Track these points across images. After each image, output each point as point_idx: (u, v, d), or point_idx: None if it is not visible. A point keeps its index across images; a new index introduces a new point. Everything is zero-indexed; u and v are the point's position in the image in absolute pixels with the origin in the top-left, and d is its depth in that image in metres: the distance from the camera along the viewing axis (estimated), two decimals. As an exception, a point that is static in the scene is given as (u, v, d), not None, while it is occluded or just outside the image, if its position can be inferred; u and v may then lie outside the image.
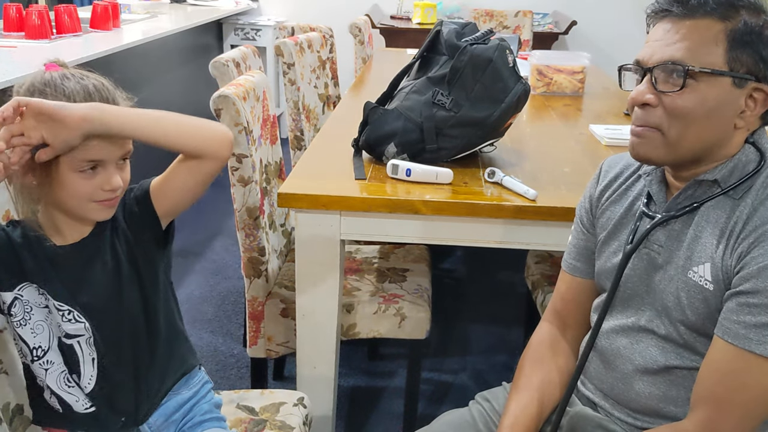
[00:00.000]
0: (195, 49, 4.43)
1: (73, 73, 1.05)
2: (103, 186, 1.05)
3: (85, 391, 1.14)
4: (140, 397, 1.17)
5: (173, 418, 1.22)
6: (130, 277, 1.14)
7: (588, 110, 2.58)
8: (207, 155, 1.10)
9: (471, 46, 1.73)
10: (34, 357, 1.12)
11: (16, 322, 1.11)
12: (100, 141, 1.02)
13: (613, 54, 4.29)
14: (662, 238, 1.10)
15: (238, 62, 2.28)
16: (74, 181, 1.04)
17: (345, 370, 2.39)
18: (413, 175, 1.65)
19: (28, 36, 2.89)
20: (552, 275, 2.03)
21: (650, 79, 1.04)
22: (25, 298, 1.11)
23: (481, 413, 1.30)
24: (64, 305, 1.10)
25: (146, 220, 1.15)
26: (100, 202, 1.07)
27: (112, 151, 1.05)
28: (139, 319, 1.15)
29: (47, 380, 1.14)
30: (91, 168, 1.04)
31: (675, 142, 1.04)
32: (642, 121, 1.06)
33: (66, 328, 1.11)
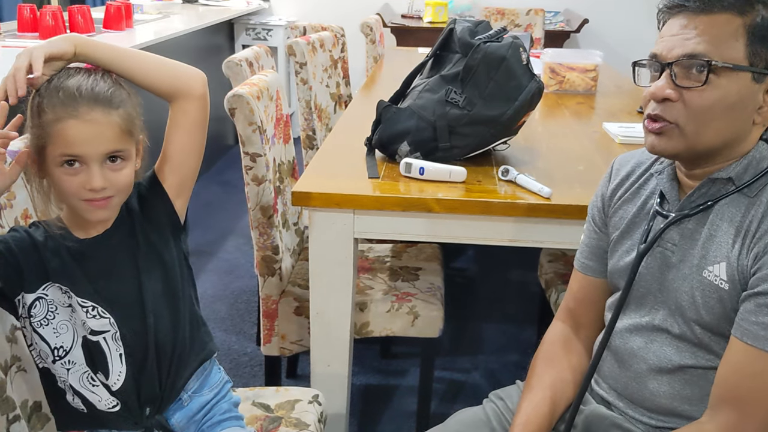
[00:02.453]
0: (207, 49, 4.45)
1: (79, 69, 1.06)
2: (85, 185, 1.04)
3: (113, 388, 1.13)
4: (164, 385, 1.17)
5: (195, 418, 1.22)
6: (152, 265, 1.15)
7: (601, 108, 2.57)
8: (182, 91, 1.12)
9: (484, 44, 1.72)
10: (55, 357, 1.12)
11: (37, 323, 1.11)
12: (83, 132, 1.02)
13: (625, 52, 4.27)
14: (676, 237, 1.10)
15: (251, 62, 2.29)
16: (59, 177, 1.04)
17: (358, 369, 2.39)
18: (426, 173, 1.65)
19: (42, 36, 2.91)
20: (565, 274, 2.02)
21: (669, 74, 1.03)
22: (50, 298, 1.11)
23: (495, 411, 1.30)
24: (87, 302, 1.11)
25: (160, 205, 1.16)
26: (88, 201, 1.06)
27: (93, 147, 1.03)
28: (162, 306, 1.15)
29: (70, 380, 1.13)
30: (68, 163, 1.03)
31: (693, 137, 1.03)
32: (659, 116, 1.04)
33: (91, 324, 1.11)
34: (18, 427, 1.14)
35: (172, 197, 1.17)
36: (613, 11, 4.87)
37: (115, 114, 1.04)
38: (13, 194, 1.17)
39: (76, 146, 1.02)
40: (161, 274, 1.16)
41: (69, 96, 1.02)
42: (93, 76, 1.05)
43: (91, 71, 1.07)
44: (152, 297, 1.14)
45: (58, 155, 1.03)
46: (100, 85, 1.04)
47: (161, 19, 4.00)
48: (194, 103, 1.14)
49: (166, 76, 1.12)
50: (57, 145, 1.02)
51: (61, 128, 1.01)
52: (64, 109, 1.01)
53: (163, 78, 1.12)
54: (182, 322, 1.19)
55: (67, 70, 1.06)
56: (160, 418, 1.18)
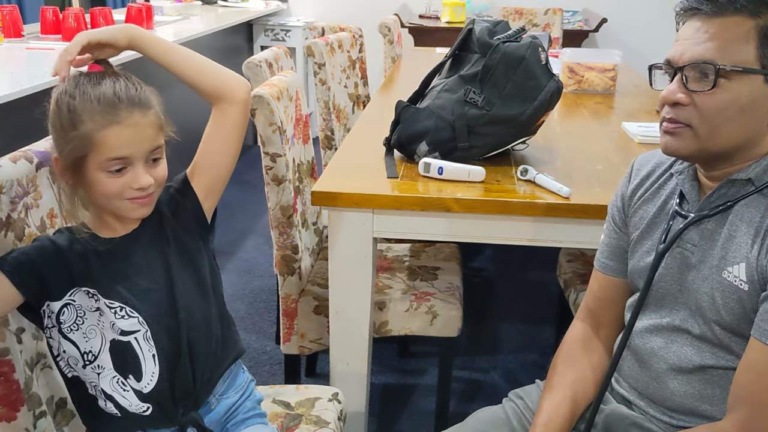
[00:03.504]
0: (226, 50, 4.48)
1: (105, 73, 1.08)
2: (132, 185, 1.07)
3: (145, 391, 1.13)
4: (198, 382, 1.18)
5: (221, 420, 1.23)
6: (182, 262, 1.17)
7: (620, 108, 2.56)
8: (225, 94, 1.16)
9: (503, 44, 1.73)
10: (85, 362, 1.12)
11: (67, 328, 1.11)
12: (128, 135, 1.04)
13: (644, 51, 4.25)
14: (696, 238, 1.10)
15: (270, 63, 2.30)
16: (102, 181, 1.06)
17: (376, 368, 2.40)
18: (445, 173, 1.66)
19: (65, 38, 2.95)
20: (584, 273, 2.02)
21: (681, 79, 1.04)
22: (77, 303, 1.12)
23: (514, 411, 1.31)
24: (114, 302, 1.11)
25: (189, 205, 1.18)
26: (132, 200, 1.09)
27: (138, 148, 1.06)
28: (193, 302, 1.16)
29: (101, 384, 1.13)
30: (117, 169, 1.06)
31: (706, 138, 1.04)
32: (673, 118, 1.06)
33: (120, 325, 1.11)
34: (44, 423, 1.16)
35: (201, 198, 1.19)
36: (632, 10, 4.85)
37: (151, 114, 1.08)
38: (40, 194, 1.19)
39: (123, 149, 1.05)
40: (191, 272, 1.18)
41: (108, 103, 1.04)
42: (121, 81, 1.07)
43: (115, 75, 1.08)
44: (183, 293, 1.15)
45: (103, 161, 1.05)
46: (131, 89, 1.07)
47: (181, 20, 4.03)
48: (235, 107, 1.17)
49: (212, 77, 1.16)
50: (101, 152, 1.04)
51: (104, 135, 1.03)
52: (105, 117, 1.03)
53: (209, 78, 1.16)
54: (213, 320, 1.20)
55: (89, 77, 1.07)
56: (195, 415, 1.19)
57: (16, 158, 1.14)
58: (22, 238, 1.15)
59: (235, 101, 1.17)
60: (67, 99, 1.05)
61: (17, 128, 2.28)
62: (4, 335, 1.10)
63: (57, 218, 1.24)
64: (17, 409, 1.12)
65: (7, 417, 1.12)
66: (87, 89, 1.05)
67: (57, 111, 1.06)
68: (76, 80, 1.07)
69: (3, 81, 2.27)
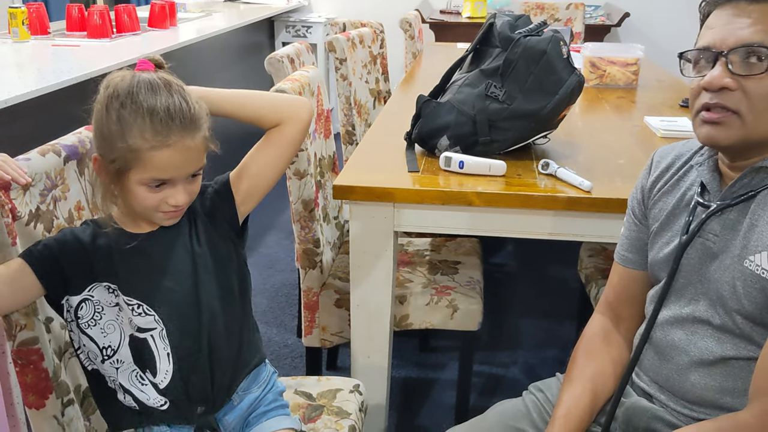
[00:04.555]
0: (248, 47, 4.51)
1: (159, 82, 1.05)
2: (168, 200, 1.07)
3: (160, 386, 1.13)
4: (216, 386, 1.17)
5: (243, 414, 1.23)
6: (210, 264, 1.16)
7: (642, 102, 2.55)
8: (286, 119, 1.16)
9: (525, 38, 1.73)
10: (104, 356, 1.13)
11: (84, 324, 1.12)
12: (177, 160, 1.03)
13: (667, 46, 4.20)
14: (717, 228, 1.09)
15: (292, 58, 2.32)
16: (140, 192, 1.06)
17: (397, 362, 2.41)
18: (466, 167, 1.66)
19: (90, 35, 2.99)
20: (605, 268, 2.01)
21: (725, 63, 1.02)
22: (96, 299, 1.12)
23: (534, 403, 1.31)
24: (133, 300, 1.11)
25: (225, 207, 1.18)
26: (165, 213, 1.09)
27: (183, 171, 1.06)
28: (217, 306, 1.16)
29: (119, 378, 1.13)
30: (157, 185, 1.06)
31: (752, 126, 1.02)
32: (719, 105, 1.03)
33: (137, 322, 1.11)
34: (72, 410, 1.19)
35: (238, 203, 1.18)
36: (655, 5, 4.80)
37: (199, 135, 1.06)
38: (67, 187, 1.22)
39: (167, 172, 1.04)
40: (219, 275, 1.17)
41: (160, 122, 1.01)
42: (176, 97, 1.04)
43: (167, 85, 1.05)
44: (208, 296, 1.15)
45: (146, 178, 1.04)
46: (185, 107, 1.04)
47: (204, 17, 4.07)
48: (295, 126, 1.18)
49: (269, 111, 1.17)
50: (146, 170, 1.03)
51: (153, 156, 1.02)
52: (156, 137, 1.02)
53: (266, 114, 1.17)
54: (238, 326, 1.20)
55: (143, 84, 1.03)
56: (211, 418, 1.19)
57: (44, 152, 1.17)
58: (51, 229, 1.17)
59: (296, 121, 1.17)
60: (118, 106, 1.03)
61: (45, 123, 2.32)
62: (33, 324, 1.13)
63: (84, 210, 1.26)
64: (46, 397, 1.15)
65: (36, 404, 1.14)
66: (139, 99, 1.02)
67: (105, 114, 1.04)
68: (130, 84, 1.03)
69: (30, 77, 2.31)
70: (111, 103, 1.03)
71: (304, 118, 1.18)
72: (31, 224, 1.13)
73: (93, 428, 1.25)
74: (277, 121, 1.17)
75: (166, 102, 1.03)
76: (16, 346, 1.12)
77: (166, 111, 1.02)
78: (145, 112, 1.02)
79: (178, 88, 1.07)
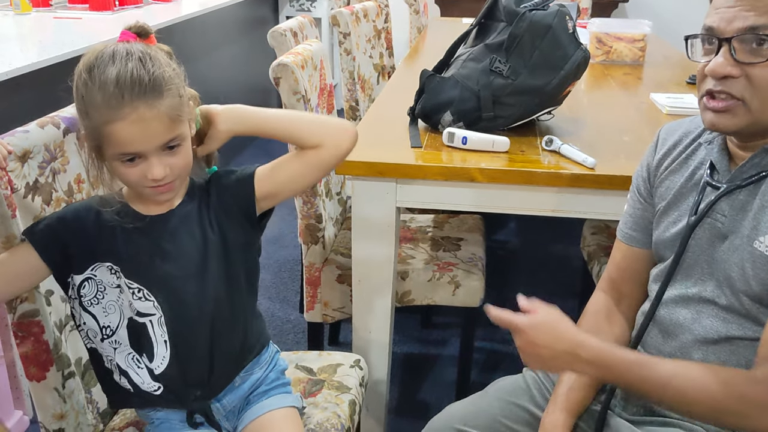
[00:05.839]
0: (251, 21, 4.47)
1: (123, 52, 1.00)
2: (147, 175, 1.02)
3: (155, 371, 1.12)
4: (215, 372, 1.16)
5: (245, 394, 1.23)
6: (218, 252, 1.13)
7: (649, 79, 2.52)
8: (326, 144, 1.12)
9: (530, 12, 1.70)
10: (103, 335, 1.12)
11: (87, 302, 1.11)
12: (134, 132, 0.98)
13: (675, 22, 4.14)
14: (726, 208, 1.08)
15: (295, 32, 2.29)
16: (119, 168, 1.03)
17: (398, 338, 2.42)
18: (469, 143, 1.65)
19: (92, 8, 2.97)
20: (608, 246, 2.00)
21: (729, 50, 1.00)
22: (98, 278, 1.11)
23: (534, 380, 1.31)
24: (134, 283, 1.10)
25: (242, 199, 1.14)
26: (151, 188, 1.05)
27: (146, 144, 1.00)
28: (222, 295, 1.13)
29: (116, 359, 1.13)
30: (130, 159, 1.02)
31: (758, 113, 1.00)
32: (723, 92, 1.01)
33: (137, 306, 1.10)
34: (73, 383, 1.19)
35: (258, 198, 1.14)
36: (664, -20, 4.73)
37: (161, 104, 0.99)
38: (67, 159, 1.21)
39: (129, 146, 1.00)
40: (228, 262, 1.14)
41: (111, 95, 0.97)
42: (131, 63, 0.98)
43: (128, 53, 1.00)
44: (214, 284, 1.13)
45: (114, 154, 1.01)
46: (141, 73, 0.98)
47: (207, -10, 4.02)
48: (332, 153, 1.13)
49: (310, 134, 1.13)
50: (111, 145, 1.00)
51: (110, 131, 0.98)
52: (108, 112, 0.97)
53: (307, 137, 1.13)
54: (243, 314, 1.19)
55: (105, 55, 0.99)
56: (204, 404, 1.18)
57: (43, 124, 1.16)
58: (50, 202, 1.17)
59: (333, 149, 1.13)
60: (81, 83, 1.00)
61: (46, 96, 2.31)
62: (34, 297, 1.13)
63: (84, 183, 1.26)
64: (47, 369, 1.15)
65: (37, 376, 1.15)
66: (95, 74, 0.98)
67: (75, 93, 1.02)
68: (91, 61, 1.00)
69: (32, 49, 2.30)
70: (78, 80, 1.01)
71: (345, 148, 1.14)
72: (29, 196, 1.13)
73: (94, 400, 1.26)
74: (317, 144, 1.12)
75: (117, 72, 0.97)
76: (17, 319, 1.12)
77: (115, 82, 0.97)
78: (98, 87, 0.97)
79: (141, 55, 1.00)
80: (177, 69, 1.05)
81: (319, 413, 1.32)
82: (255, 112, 1.14)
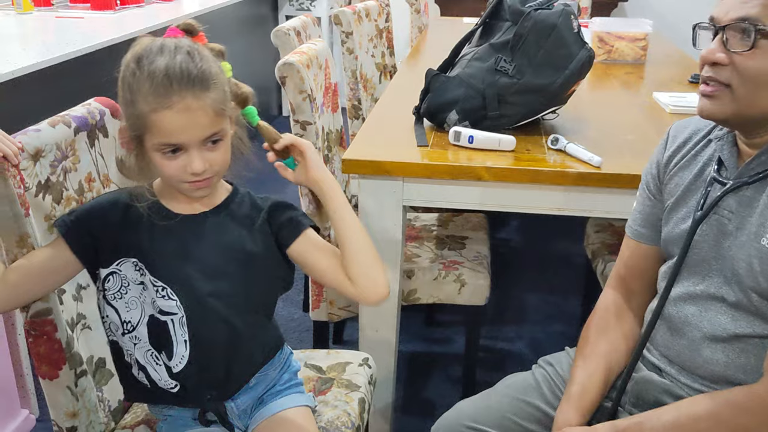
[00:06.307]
0: (251, 20, 4.47)
1: (171, 45, 1.02)
2: (186, 168, 1.03)
3: (174, 370, 1.12)
4: (232, 374, 1.17)
5: (259, 394, 1.23)
6: (245, 262, 1.13)
7: (651, 78, 2.53)
8: (359, 284, 1.11)
9: (535, 11, 1.71)
10: (125, 330, 1.13)
11: (111, 296, 1.12)
12: (179, 121, 1.00)
13: (675, 21, 4.16)
14: (733, 205, 1.09)
15: (299, 31, 2.30)
16: (159, 160, 1.03)
17: (403, 336, 2.42)
18: (475, 142, 1.65)
19: (93, 7, 2.97)
20: (612, 244, 2.02)
21: (722, 38, 1.03)
22: (123, 273, 1.11)
23: (544, 377, 1.31)
24: (158, 281, 1.10)
25: (280, 240, 1.15)
26: (189, 183, 1.05)
27: (190, 135, 1.01)
28: (243, 300, 1.14)
29: (136, 354, 1.13)
30: (171, 151, 1.02)
31: (744, 101, 1.02)
32: (712, 78, 1.05)
33: (160, 304, 1.10)
34: (85, 381, 1.20)
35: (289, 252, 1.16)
36: (663, -21, 4.74)
37: (207, 97, 1.01)
38: (78, 158, 1.21)
39: (174, 136, 1.01)
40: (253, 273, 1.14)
41: (159, 84, 0.99)
42: (180, 56, 1.01)
43: (177, 47, 1.02)
44: (236, 290, 1.13)
45: (156, 144, 1.02)
46: (189, 66, 1.00)
47: (207, -11, 4.02)
48: (354, 293, 1.13)
49: (357, 264, 1.11)
50: (154, 134, 1.01)
51: (156, 119, 0.99)
52: (156, 100, 0.99)
53: (353, 264, 1.11)
54: (261, 320, 1.20)
55: (153, 48, 1.02)
56: (220, 405, 1.18)
57: (54, 123, 1.17)
58: (60, 201, 1.17)
59: (359, 293, 1.13)
60: (129, 73, 1.01)
61: (49, 95, 2.31)
62: (48, 296, 1.13)
63: (95, 182, 1.26)
64: (59, 368, 1.15)
65: (50, 375, 1.15)
66: (144, 65, 1.00)
67: (121, 83, 1.03)
68: (140, 53, 1.02)
69: (36, 49, 2.30)
70: (125, 70, 1.03)
71: (366, 301, 1.14)
72: (41, 195, 1.13)
73: (105, 398, 1.26)
74: (352, 276, 1.12)
75: (166, 63, 0.99)
76: (30, 317, 1.12)
77: (164, 72, 0.99)
78: (147, 76, 0.99)
79: (189, 49, 1.02)
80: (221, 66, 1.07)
81: (329, 411, 1.33)
82: (337, 194, 1.15)
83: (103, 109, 1.29)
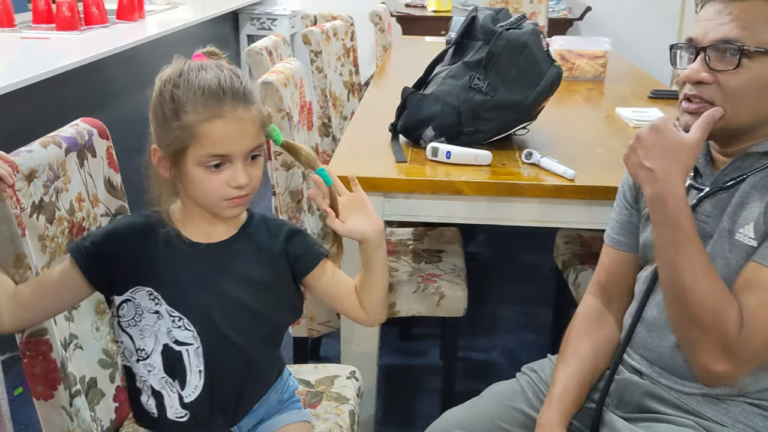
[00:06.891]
0: (213, 39, 4.41)
1: (210, 64, 1.05)
2: (230, 182, 1.03)
3: (185, 399, 1.12)
4: (242, 403, 1.18)
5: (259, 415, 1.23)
6: (264, 292, 1.14)
7: (611, 94, 2.62)
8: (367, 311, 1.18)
9: (507, 30, 1.77)
10: (139, 357, 1.12)
11: (125, 323, 1.11)
12: (231, 130, 1.01)
13: (628, 39, 4.31)
14: (710, 209, 1.15)
15: (270, 51, 2.33)
16: (200, 176, 1.03)
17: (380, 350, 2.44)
18: (453, 157, 1.70)
19: (59, 27, 2.94)
20: (582, 254, 2.08)
21: (704, 58, 1.09)
22: (137, 301, 1.10)
23: (529, 383, 1.35)
24: (175, 311, 1.09)
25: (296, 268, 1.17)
26: (230, 200, 1.05)
27: (239, 145, 1.03)
28: (260, 331, 1.15)
29: (150, 380, 1.13)
30: (213, 163, 1.02)
31: (729, 116, 1.09)
32: (697, 96, 1.11)
33: (176, 334, 1.10)
34: (80, 401, 1.19)
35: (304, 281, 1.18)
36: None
37: (253, 109, 1.04)
38: (69, 178, 1.22)
39: (224, 145, 1.02)
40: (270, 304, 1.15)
41: (212, 95, 1.01)
42: (226, 72, 1.04)
43: (218, 65, 1.05)
44: (254, 322, 1.14)
45: (203, 156, 1.02)
46: (236, 81, 1.03)
47: (170, 9, 4.02)
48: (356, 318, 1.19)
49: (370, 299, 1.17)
50: (202, 145, 1.01)
51: (206, 129, 1.01)
52: (207, 109, 1.01)
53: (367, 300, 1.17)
54: (275, 350, 1.22)
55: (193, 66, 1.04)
56: (225, 430, 1.18)
57: (45, 143, 1.17)
58: (53, 221, 1.17)
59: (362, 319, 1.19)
60: (171, 87, 1.02)
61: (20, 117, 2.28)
62: (42, 316, 1.13)
63: (84, 202, 1.27)
64: (54, 388, 1.15)
65: (44, 395, 1.15)
66: (191, 78, 1.02)
67: (160, 99, 1.03)
68: (180, 68, 1.04)
69: (2, 70, 2.27)
70: (164, 86, 1.03)
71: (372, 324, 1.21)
72: (35, 215, 1.13)
73: (98, 418, 1.26)
74: (367, 308, 1.17)
75: (216, 76, 1.02)
76: (26, 338, 1.11)
77: (217, 84, 1.02)
78: (197, 88, 1.01)
79: (230, 66, 1.06)
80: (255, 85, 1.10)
81: (321, 424, 1.35)
82: (384, 255, 1.18)
83: (92, 129, 1.30)
